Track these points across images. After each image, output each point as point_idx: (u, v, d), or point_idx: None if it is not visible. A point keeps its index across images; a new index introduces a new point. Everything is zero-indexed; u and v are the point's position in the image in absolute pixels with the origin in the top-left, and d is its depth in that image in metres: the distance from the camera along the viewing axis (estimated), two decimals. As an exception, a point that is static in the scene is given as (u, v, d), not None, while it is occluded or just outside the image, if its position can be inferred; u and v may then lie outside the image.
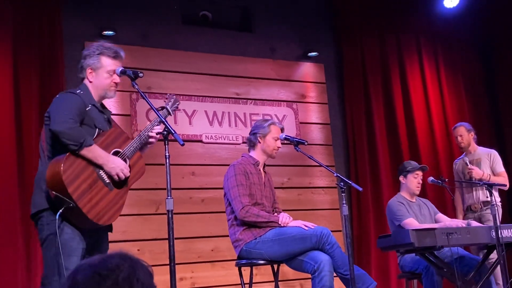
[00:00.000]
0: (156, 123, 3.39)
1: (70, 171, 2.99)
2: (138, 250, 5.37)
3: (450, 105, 7.36)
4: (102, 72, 3.27)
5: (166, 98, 3.70)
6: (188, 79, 6.02)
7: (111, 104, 5.58)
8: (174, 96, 3.71)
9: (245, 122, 6.20)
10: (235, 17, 6.66)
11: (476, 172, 5.55)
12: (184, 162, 5.76)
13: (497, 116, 7.67)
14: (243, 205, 3.99)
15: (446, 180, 5.12)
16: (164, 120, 3.16)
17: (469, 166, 5.60)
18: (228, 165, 4.33)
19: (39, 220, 3.10)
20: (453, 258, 4.41)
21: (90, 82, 3.29)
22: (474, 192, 5.66)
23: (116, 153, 3.21)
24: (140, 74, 3.29)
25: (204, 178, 5.88)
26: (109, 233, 3.37)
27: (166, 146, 3.13)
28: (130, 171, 3.23)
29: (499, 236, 4.24)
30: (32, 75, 5.25)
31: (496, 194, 5.63)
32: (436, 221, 5.02)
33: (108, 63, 3.29)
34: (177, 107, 3.71)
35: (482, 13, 7.56)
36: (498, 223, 5.40)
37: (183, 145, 3.09)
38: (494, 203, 4.54)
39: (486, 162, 5.65)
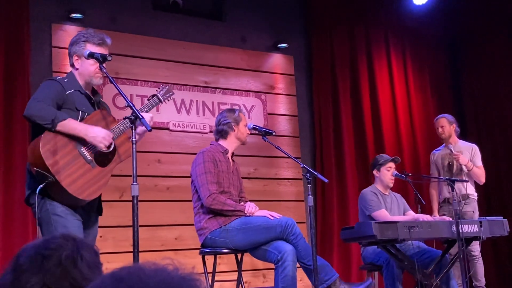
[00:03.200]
0: (145, 109, 3.49)
1: (49, 146, 3.05)
2: (101, 236, 5.30)
3: (415, 100, 7.48)
4: (87, 59, 3.29)
5: (159, 88, 3.75)
6: (157, 65, 5.96)
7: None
8: (168, 86, 3.76)
9: (213, 111, 6.18)
10: (206, 5, 6.61)
11: (462, 158, 5.61)
12: (150, 149, 5.72)
13: (461, 112, 7.82)
14: (210, 192, 3.99)
15: (410, 174, 5.20)
16: (131, 105, 3.13)
17: (454, 152, 5.66)
18: (194, 153, 4.32)
19: (30, 202, 3.17)
20: (414, 251, 4.49)
21: (76, 69, 3.34)
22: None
23: None
24: (109, 58, 3.28)
25: (170, 166, 5.85)
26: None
27: (133, 131, 3.10)
28: (116, 151, 3.27)
29: (460, 231, 4.32)
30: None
31: (472, 188, 5.72)
32: None
33: (93, 50, 3.31)
34: (169, 97, 3.76)
35: (450, 11, 7.69)
36: (477, 216, 5.51)
37: (150, 130, 3.08)
38: (456, 198, 4.61)
39: (467, 155, 5.72)
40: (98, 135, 3.16)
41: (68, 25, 5.57)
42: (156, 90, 3.74)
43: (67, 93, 3.22)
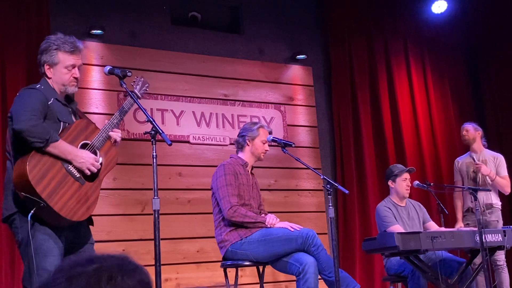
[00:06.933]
0: (115, 121, 3.26)
1: (37, 170, 2.90)
2: (123, 250, 5.34)
3: (436, 109, 7.42)
4: (60, 68, 3.17)
5: (134, 82, 3.47)
6: (176, 79, 6.01)
7: (98, 103, 5.57)
8: (142, 78, 3.54)
9: (233, 123, 6.20)
10: (224, 18, 6.66)
11: (484, 168, 5.56)
12: (171, 162, 5.75)
13: (482, 120, 7.73)
14: (231, 204, 4.00)
15: (432, 184, 5.15)
16: (152, 120, 3.14)
17: (477, 161, 5.61)
18: (215, 166, 4.33)
19: (13, 223, 3.02)
20: (437, 261, 4.44)
21: (49, 78, 3.19)
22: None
23: (84, 145, 3.11)
24: (129, 74, 3.27)
25: (191, 179, 5.87)
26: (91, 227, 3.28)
27: (154, 146, 3.12)
28: (102, 162, 3.14)
29: (483, 240, 4.27)
30: (20, 73, 5.21)
31: (496, 197, 5.66)
32: (425, 229, 5.01)
33: (65, 58, 3.18)
34: (146, 90, 3.55)
35: (468, 19, 7.64)
36: (501, 226, 5.46)
37: (170, 145, 3.08)
38: (478, 207, 4.57)
39: (492, 164, 5.68)
40: (87, 160, 3.04)
41: (89, 41, 5.64)
42: (132, 85, 3.43)
43: (49, 103, 3.07)
